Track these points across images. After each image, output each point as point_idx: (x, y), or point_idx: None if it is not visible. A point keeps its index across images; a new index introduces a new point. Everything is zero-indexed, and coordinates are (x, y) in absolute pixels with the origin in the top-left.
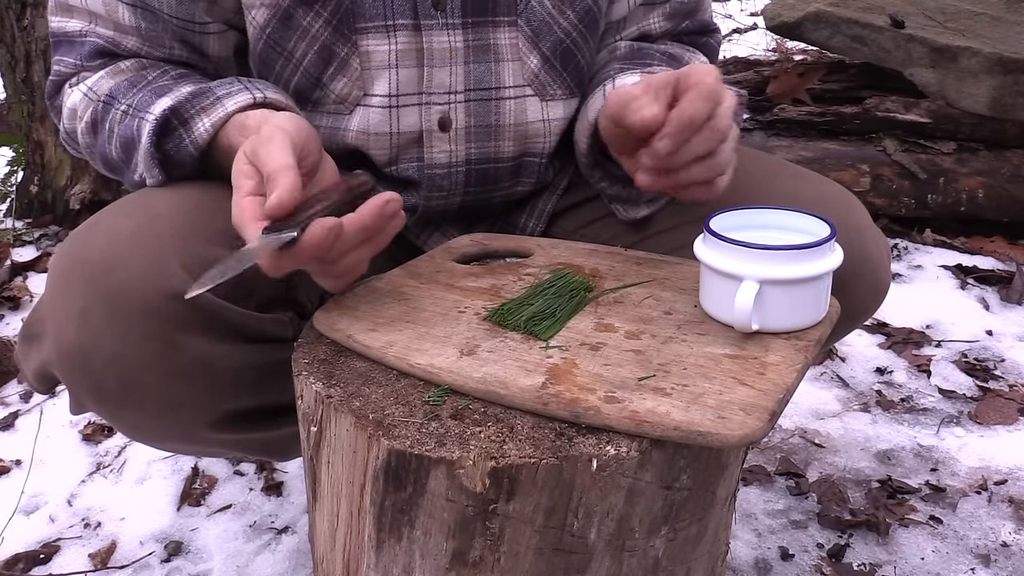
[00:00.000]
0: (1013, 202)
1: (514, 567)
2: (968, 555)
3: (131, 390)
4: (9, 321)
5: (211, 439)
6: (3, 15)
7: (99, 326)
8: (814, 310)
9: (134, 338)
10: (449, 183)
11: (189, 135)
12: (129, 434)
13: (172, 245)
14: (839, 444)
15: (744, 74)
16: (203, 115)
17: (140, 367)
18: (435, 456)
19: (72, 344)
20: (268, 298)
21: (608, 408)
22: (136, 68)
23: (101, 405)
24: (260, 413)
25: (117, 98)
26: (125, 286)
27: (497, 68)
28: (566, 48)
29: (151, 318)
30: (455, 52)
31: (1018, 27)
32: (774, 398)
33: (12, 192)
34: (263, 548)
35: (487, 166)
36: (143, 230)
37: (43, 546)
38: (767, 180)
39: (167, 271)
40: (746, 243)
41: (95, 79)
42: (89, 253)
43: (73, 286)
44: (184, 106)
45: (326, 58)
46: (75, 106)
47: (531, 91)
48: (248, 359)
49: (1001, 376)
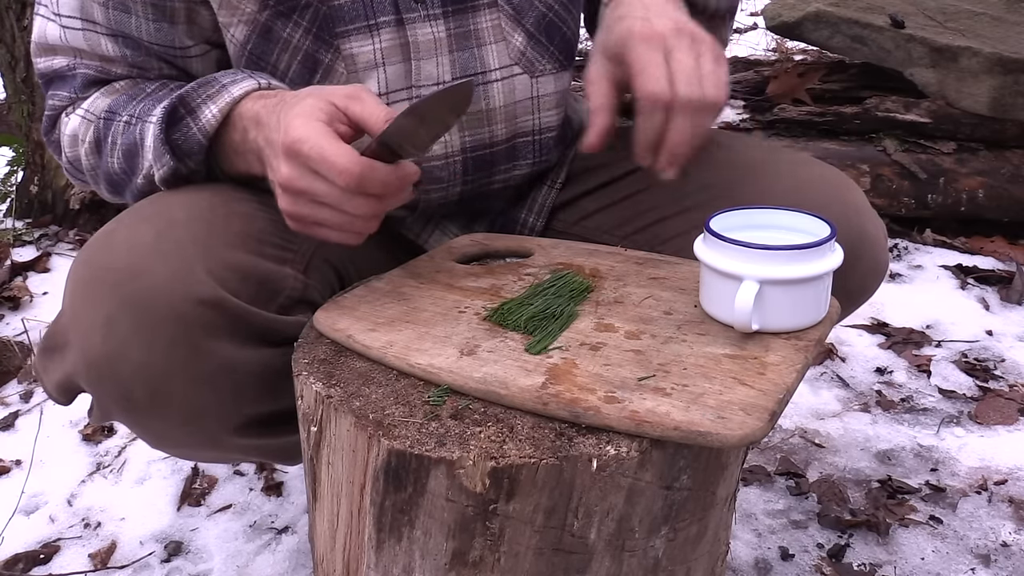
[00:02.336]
0: (1013, 202)
1: (514, 567)
2: (968, 555)
3: (158, 398)
4: (9, 321)
5: (234, 444)
6: (3, 15)
7: (126, 334)
8: (814, 310)
9: (161, 345)
10: (447, 174)
11: (196, 123)
12: (153, 443)
13: (194, 251)
14: (839, 444)
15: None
16: (210, 102)
17: (167, 374)
18: (435, 456)
19: (99, 353)
20: (289, 300)
21: (608, 408)
22: (131, 85)
23: (128, 414)
24: (279, 418)
25: (117, 112)
26: (151, 293)
27: (481, 52)
28: (550, 21)
29: (178, 325)
30: (439, 43)
31: (1018, 27)
32: (774, 398)
33: (12, 192)
34: (263, 548)
35: (483, 152)
36: (163, 236)
37: (43, 546)
38: (764, 165)
39: (192, 277)
40: (746, 243)
41: (90, 101)
42: (112, 261)
43: (97, 294)
44: (190, 95)
45: (311, 67)
46: (75, 132)
47: (519, 69)
48: (271, 362)
49: (1001, 376)
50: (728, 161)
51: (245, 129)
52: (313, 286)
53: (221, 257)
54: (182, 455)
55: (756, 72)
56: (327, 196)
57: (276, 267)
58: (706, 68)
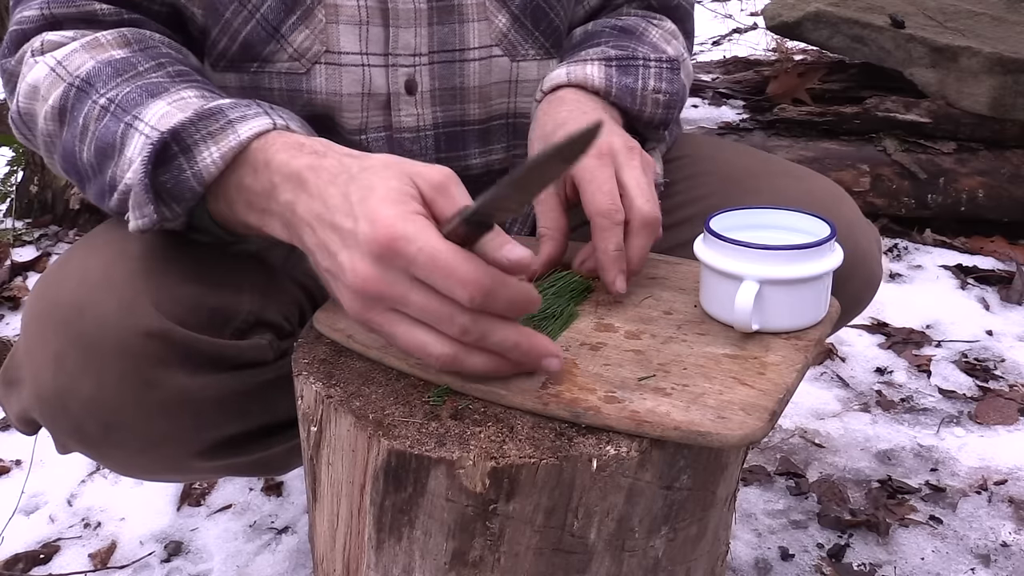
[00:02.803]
0: (1013, 202)
1: (514, 567)
2: (968, 555)
3: (112, 430)
4: (9, 321)
5: (201, 468)
6: (3, 15)
7: (74, 370)
8: (814, 310)
9: (111, 380)
10: (418, 147)
11: (192, 166)
12: (118, 471)
13: (143, 283)
14: (839, 444)
15: (744, 74)
16: (210, 142)
17: (119, 408)
18: (435, 456)
19: (49, 390)
20: (245, 323)
21: (608, 408)
22: (121, 43)
23: (84, 447)
24: (247, 437)
25: (95, 85)
26: (97, 327)
27: (462, 29)
28: (537, 6)
29: (126, 358)
30: (419, 13)
31: (1018, 27)
32: (774, 398)
33: (12, 192)
34: (263, 548)
35: (454, 129)
36: (112, 269)
37: (43, 546)
38: (751, 179)
39: (139, 309)
40: (746, 243)
41: (67, 52)
42: (60, 295)
43: (47, 330)
44: (187, 129)
45: (289, 4)
46: (37, 83)
47: (499, 51)
48: (229, 387)
49: (1001, 376)
50: (716, 175)
51: (274, 185)
52: (272, 306)
53: (169, 288)
54: (151, 480)
55: (756, 72)
56: (423, 310)
57: (231, 295)
58: (650, 186)
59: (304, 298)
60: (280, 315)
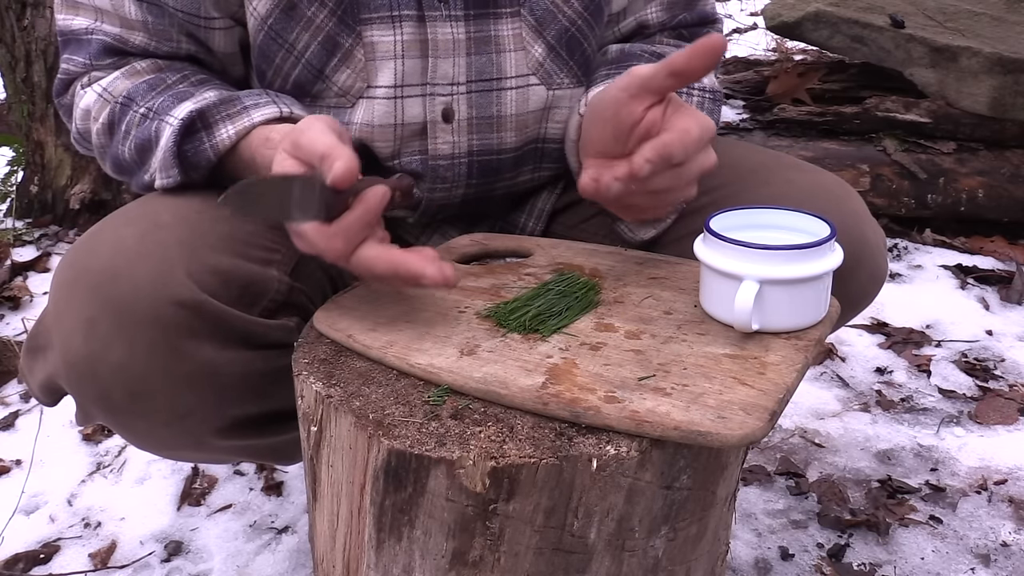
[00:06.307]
0: (1013, 202)
1: (514, 567)
2: (968, 555)
3: (138, 399)
4: (9, 321)
5: (219, 446)
6: (3, 15)
7: (106, 336)
8: (814, 310)
9: (141, 347)
10: (452, 174)
11: (211, 139)
12: (137, 443)
13: (177, 253)
14: (839, 444)
15: (744, 74)
16: (228, 122)
17: (147, 376)
18: (435, 456)
19: (79, 354)
20: (274, 303)
21: (608, 408)
22: (153, 69)
23: (109, 415)
24: (266, 419)
25: (135, 100)
26: (131, 295)
27: (499, 59)
28: (571, 36)
29: (157, 327)
30: (458, 44)
31: (1018, 27)
32: (774, 398)
33: (12, 192)
34: (263, 548)
35: (490, 157)
36: (147, 238)
37: (43, 546)
38: (763, 171)
39: (172, 279)
40: (746, 243)
41: (110, 80)
42: (94, 263)
43: (78, 296)
44: (210, 110)
45: (330, 49)
46: (88, 107)
47: (536, 80)
48: (254, 365)
49: (1001, 376)
50: (727, 167)
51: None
52: (301, 290)
53: (203, 259)
54: (167, 456)
55: (756, 72)
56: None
57: (261, 269)
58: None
59: (328, 285)
60: (306, 298)
